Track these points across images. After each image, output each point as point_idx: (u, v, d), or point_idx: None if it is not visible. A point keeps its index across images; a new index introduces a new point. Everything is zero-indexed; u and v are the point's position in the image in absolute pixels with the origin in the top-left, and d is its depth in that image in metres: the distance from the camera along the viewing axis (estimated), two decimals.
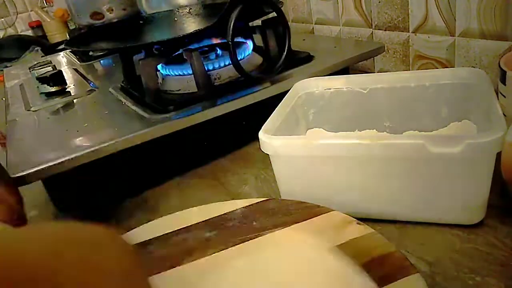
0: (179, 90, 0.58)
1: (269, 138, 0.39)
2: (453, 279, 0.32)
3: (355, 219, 0.35)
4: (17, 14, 1.71)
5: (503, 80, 0.40)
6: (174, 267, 0.35)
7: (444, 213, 0.36)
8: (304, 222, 0.37)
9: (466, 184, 0.34)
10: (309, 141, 0.38)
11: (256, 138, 0.40)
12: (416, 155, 0.34)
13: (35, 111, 0.63)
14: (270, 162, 0.41)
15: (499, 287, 0.30)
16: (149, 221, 0.42)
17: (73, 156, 0.44)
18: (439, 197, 0.36)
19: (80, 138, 0.48)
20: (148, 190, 0.53)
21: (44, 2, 1.60)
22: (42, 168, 0.43)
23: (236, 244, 0.37)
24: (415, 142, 0.34)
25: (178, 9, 0.74)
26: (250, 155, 0.56)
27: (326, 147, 0.37)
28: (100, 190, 0.52)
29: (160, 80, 0.60)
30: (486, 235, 0.35)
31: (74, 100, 0.65)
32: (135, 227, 0.42)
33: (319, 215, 0.37)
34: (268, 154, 0.40)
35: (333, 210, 0.37)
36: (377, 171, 0.37)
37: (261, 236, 0.37)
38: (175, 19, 0.73)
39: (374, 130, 0.49)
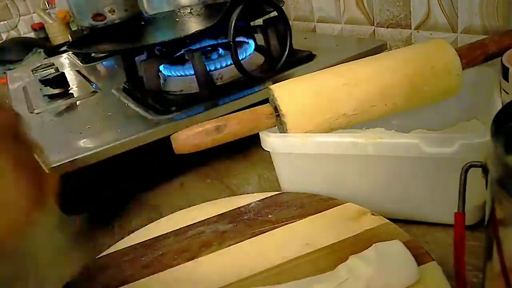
0: (181, 90, 0.58)
1: (267, 135, 0.39)
2: None
3: (369, 210, 0.36)
4: (19, 16, 1.72)
5: (506, 77, 0.40)
6: (192, 259, 0.36)
7: (444, 213, 0.36)
8: (319, 214, 0.37)
9: None
10: (305, 138, 0.38)
11: (259, 138, 0.40)
12: (410, 154, 0.34)
13: (38, 113, 0.63)
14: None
15: None
16: (152, 221, 0.42)
17: (76, 158, 0.44)
18: (436, 197, 0.36)
19: (83, 139, 0.49)
20: (150, 190, 0.53)
21: (46, 4, 1.60)
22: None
23: (253, 237, 0.37)
24: (409, 142, 0.33)
25: (179, 9, 0.74)
26: (253, 154, 0.56)
27: (321, 145, 0.37)
28: (103, 191, 0.52)
29: (162, 81, 0.60)
30: None
31: (77, 102, 0.66)
32: (138, 228, 0.42)
33: (333, 207, 0.38)
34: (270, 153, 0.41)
35: (346, 202, 0.37)
36: (373, 170, 0.37)
37: (276, 228, 0.38)
38: (177, 19, 0.73)
39: (382, 128, 0.49)
